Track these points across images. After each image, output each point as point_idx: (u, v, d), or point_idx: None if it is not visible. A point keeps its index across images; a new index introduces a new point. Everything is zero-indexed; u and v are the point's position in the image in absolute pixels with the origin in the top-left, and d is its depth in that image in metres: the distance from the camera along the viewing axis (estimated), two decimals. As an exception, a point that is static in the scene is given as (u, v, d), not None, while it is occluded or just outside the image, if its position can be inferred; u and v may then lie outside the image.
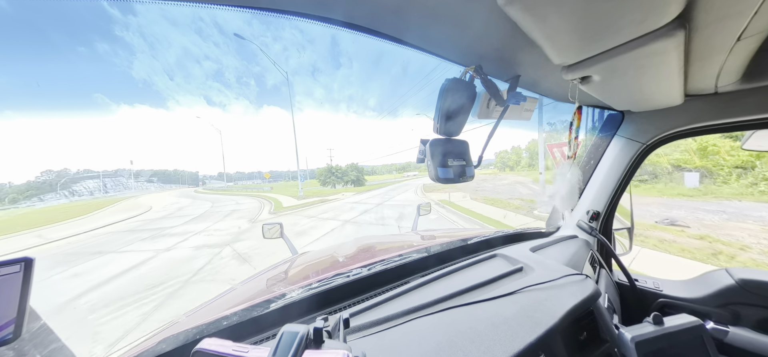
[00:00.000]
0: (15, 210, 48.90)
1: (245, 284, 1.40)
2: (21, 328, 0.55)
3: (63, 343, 0.74)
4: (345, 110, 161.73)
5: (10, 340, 0.53)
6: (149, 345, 0.81)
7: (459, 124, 1.10)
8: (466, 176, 1.08)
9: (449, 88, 1.02)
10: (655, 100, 1.14)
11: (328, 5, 0.80)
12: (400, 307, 0.89)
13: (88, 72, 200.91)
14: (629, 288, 1.49)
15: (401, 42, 1.00)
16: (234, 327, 0.88)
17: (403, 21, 0.84)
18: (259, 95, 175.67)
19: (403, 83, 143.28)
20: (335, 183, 41.61)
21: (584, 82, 0.91)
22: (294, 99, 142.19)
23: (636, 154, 1.45)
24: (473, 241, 1.36)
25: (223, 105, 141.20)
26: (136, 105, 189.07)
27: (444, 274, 1.12)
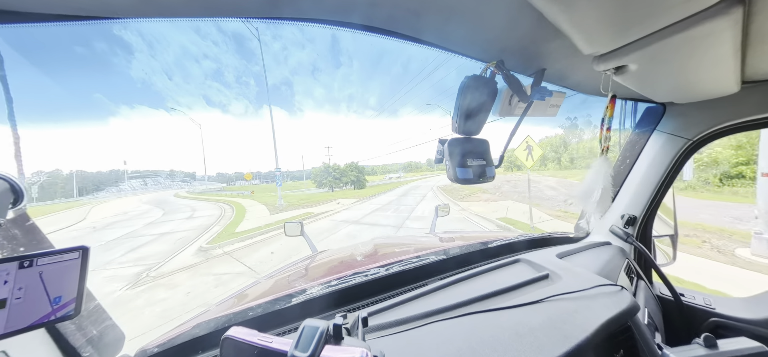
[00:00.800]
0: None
1: (269, 278, 1.44)
2: (80, 306, 0.61)
3: (114, 322, 0.81)
4: (345, 110, 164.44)
5: (72, 315, 0.60)
6: (186, 329, 0.89)
7: (479, 123, 1.05)
8: (486, 177, 1.03)
9: (469, 86, 0.98)
10: (704, 88, 1.02)
11: (347, 10, 0.80)
12: (418, 309, 0.87)
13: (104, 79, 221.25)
14: (674, 304, 1.33)
15: (420, 41, 0.98)
16: (259, 318, 0.92)
17: (422, 20, 0.82)
18: (258, 95, 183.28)
19: (404, 81, 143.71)
20: (333, 185, 36.86)
21: (619, 72, 0.84)
22: (294, 98, 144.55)
23: (680, 151, 1.31)
24: (494, 245, 1.29)
25: (223, 105, 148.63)
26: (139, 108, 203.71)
27: (463, 278, 1.07)
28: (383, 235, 8.99)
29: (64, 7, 0.57)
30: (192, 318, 1.02)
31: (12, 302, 0.55)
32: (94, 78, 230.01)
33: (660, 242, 1.57)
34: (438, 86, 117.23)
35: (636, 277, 1.30)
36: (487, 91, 1.00)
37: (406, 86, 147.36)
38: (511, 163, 41.11)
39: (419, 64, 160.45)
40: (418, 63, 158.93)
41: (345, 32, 0.86)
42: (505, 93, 1.03)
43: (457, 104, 1.01)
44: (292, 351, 0.40)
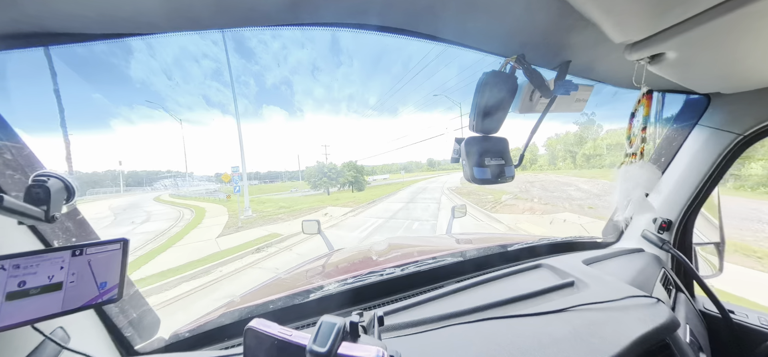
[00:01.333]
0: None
1: (288, 274, 1.50)
2: (122, 291, 0.68)
3: (150, 307, 0.89)
4: (345, 110, 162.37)
5: (115, 299, 0.67)
6: (213, 317, 0.95)
7: (497, 121, 1.02)
8: (505, 177, 1.00)
9: (487, 82, 0.95)
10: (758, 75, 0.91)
11: (364, 13, 0.81)
12: (435, 312, 0.87)
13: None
14: (721, 321, 1.20)
15: (437, 39, 0.97)
16: (279, 311, 0.96)
17: (440, 18, 0.82)
18: (258, 95, 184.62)
19: (404, 79, 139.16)
20: (328, 186, 33.26)
21: (655, 61, 0.77)
22: (293, 97, 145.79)
23: (728, 148, 1.17)
24: (514, 248, 1.25)
25: (223, 105, 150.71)
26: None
27: (481, 282, 1.05)
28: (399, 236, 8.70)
29: (105, 28, 0.63)
30: (218, 308, 1.09)
31: (67, 285, 0.63)
32: (93, 77, 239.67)
33: (703, 250, 1.42)
34: (437, 85, 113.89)
35: (674, 290, 1.19)
36: (507, 88, 0.97)
37: (407, 84, 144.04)
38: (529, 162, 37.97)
39: (419, 62, 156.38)
40: (418, 61, 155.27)
41: (345, 31, 0.87)
42: (525, 88, 1.00)
43: (474, 102, 0.99)
44: (311, 345, 0.41)
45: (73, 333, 0.67)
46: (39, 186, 0.55)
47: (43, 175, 0.57)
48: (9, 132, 0.59)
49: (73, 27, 0.61)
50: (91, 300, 0.66)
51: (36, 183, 0.55)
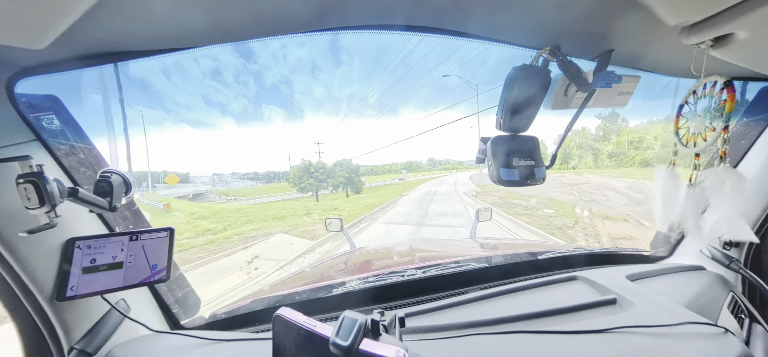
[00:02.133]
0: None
1: (313, 268, 1.58)
2: (170, 273, 0.80)
3: (192, 289, 1.01)
4: (345, 109, 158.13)
5: (164, 279, 0.79)
6: (245, 303, 1.04)
7: (527, 119, 0.95)
8: (535, 178, 0.93)
9: (517, 78, 0.90)
10: None
11: (391, 13, 0.81)
12: (458, 318, 0.84)
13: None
14: None
15: (465, 35, 0.94)
16: (303, 302, 1.02)
17: (468, 13, 0.79)
18: (258, 94, 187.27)
19: (404, 78, 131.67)
20: (317, 188, 27.19)
21: (719, 44, 0.65)
22: (293, 97, 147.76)
23: None
24: (545, 257, 1.14)
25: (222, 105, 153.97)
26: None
27: (509, 291, 0.98)
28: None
29: (158, 44, 0.73)
30: (251, 294, 1.19)
31: (126, 264, 0.74)
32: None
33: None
34: (439, 83, 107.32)
35: (748, 319, 0.98)
36: (538, 82, 0.90)
37: (408, 82, 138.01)
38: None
39: (420, 60, 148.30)
40: (418, 59, 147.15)
41: (358, 34, 0.88)
42: (559, 83, 0.91)
43: (502, 99, 0.94)
44: (334, 338, 0.42)
45: (132, 305, 0.79)
46: (104, 181, 0.67)
47: (108, 172, 0.68)
48: (82, 136, 0.73)
49: (133, 45, 0.72)
50: (145, 279, 0.77)
51: (102, 178, 0.67)
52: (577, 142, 33.38)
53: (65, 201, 0.57)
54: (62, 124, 0.68)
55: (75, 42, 0.61)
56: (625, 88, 0.89)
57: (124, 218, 0.82)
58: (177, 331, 0.87)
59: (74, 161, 0.71)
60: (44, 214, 0.55)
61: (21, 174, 0.52)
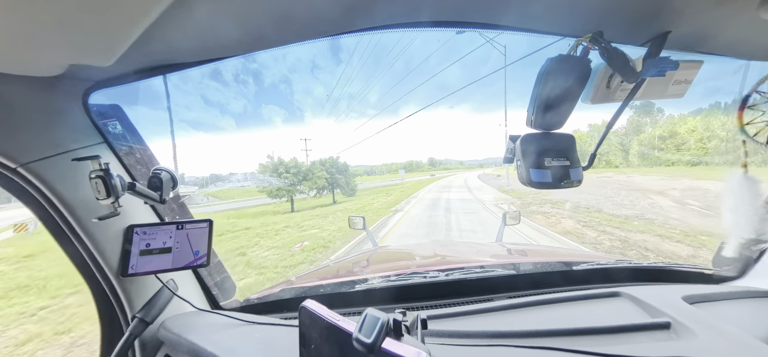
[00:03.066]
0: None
1: (336, 263, 1.63)
2: (209, 259, 0.89)
3: (229, 275, 1.12)
4: (345, 109, 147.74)
5: (205, 264, 0.88)
6: (274, 291, 1.12)
7: (562, 115, 0.87)
8: (569, 180, 0.84)
9: (551, 71, 0.82)
10: None
11: (418, 10, 0.81)
12: (483, 326, 0.80)
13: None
14: None
15: (496, 27, 0.90)
16: (327, 295, 1.06)
17: (497, 4, 0.76)
18: (257, 93, 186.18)
19: (406, 77, 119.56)
20: (291, 193, 22.10)
21: None
22: (293, 96, 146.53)
23: None
24: (581, 268, 1.02)
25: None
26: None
27: (539, 302, 0.91)
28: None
29: (200, 56, 0.82)
30: (279, 284, 1.28)
31: (174, 250, 0.85)
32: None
33: None
34: (439, 83, 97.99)
35: None
36: (576, 74, 0.82)
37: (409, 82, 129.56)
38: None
39: (421, 59, 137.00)
40: (419, 59, 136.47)
41: (383, 33, 0.88)
42: (601, 73, 0.81)
43: (534, 94, 0.87)
44: (356, 334, 0.43)
45: (179, 285, 0.91)
46: (156, 177, 0.78)
47: (158, 169, 0.79)
48: (138, 138, 0.86)
49: (179, 58, 0.82)
50: (189, 263, 0.88)
51: (154, 175, 0.78)
52: (590, 142, 28.99)
53: (126, 194, 0.68)
54: (123, 128, 0.81)
55: (134, 58, 0.72)
56: (682, 76, 0.76)
57: (172, 210, 0.94)
58: (216, 311, 0.97)
59: (132, 160, 0.84)
60: (110, 204, 0.66)
61: (92, 171, 0.63)
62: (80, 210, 0.69)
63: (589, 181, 20.86)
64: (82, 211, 0.69)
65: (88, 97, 0.71)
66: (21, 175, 0.62)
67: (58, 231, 0.71)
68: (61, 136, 0.68)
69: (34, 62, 0.60)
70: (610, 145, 29.95)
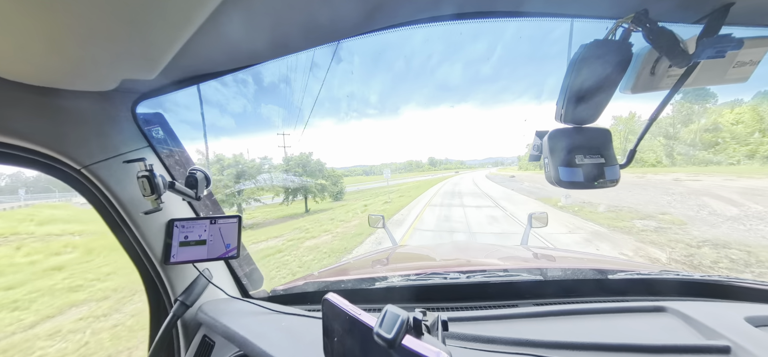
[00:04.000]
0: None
1: (357, 260, 1.65)
2: (239, 252, 0.98)
3: (256, 266, 1.21)
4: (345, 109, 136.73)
5: (235, 256, 0.97)
6: (298, 283, 1.18)
7: (596, 107, 0.79)
8: (604, 179, 0.76)
9: (586, 58, 0.75)
10: None
11: (438, 3, 0.80)
12: (506, 332, 0.77)
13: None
14: None
15: (522, 15, 0.85)
16: (348, 291, 1.10)
17: None
18: (256, 93, 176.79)
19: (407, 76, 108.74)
20: (239, 201, 17.38)
21: None
22: (292, 96, 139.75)
23: None
24: (619, 277, 0.90)
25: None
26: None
27: (569, 312, 0.84)
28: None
29: (230, 65, 0.89)
30: (303, 277, 1.34)
31: (208, 242, 0.94)
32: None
33: None
34: (440, 80, 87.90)
35: None
36: (615, 60, 0.73)
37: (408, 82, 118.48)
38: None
39: (421, 58, 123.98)
40: (420, 58, 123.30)
41: (412, 29, 0.86)
42: (644, 59, 0.71)
43: (564, 85, 0.80)
44: (377, 328, 0.43)
45: (213, 274, 1.00)
46: (192, 176, 0.86)
47: (194, 169, 0.88)
48: (176, 141, 0.96)
49: (212, 68, 0.90)
50: (221, 254, 0.96)
51: (190, 174, 0.86)
52: (622, 130, 24.35)
53: (167, 191, 0.77)
54: (164, 134, 0.91)
55: (173, 71, 0.81)
56: (746, 56, 0.63)
57: (206, 206, 1.04)
58: (246, 299, 1.06)
59: (172, 161, 0.94)
60: (154, 201, 0.75)
61: (139, 171, 0.73)
62: (130, 205, 0.80)
63: (632, 184, 17.45)
64: (131, 206, 0.80)
65: (136, 107, 0.82)
66: (84, 176, 0.74)
67: (114, 223, 0.83)
68: (114, 142, 0.79)
69: (95, 79, 0.71)
70: (620, 137, 25.71)
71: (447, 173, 69.70)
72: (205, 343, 0.93)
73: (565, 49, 0.77)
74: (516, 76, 39.84)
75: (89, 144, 0.74)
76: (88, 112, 0.73)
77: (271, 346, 0.77)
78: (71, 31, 0.49)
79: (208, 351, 0.91)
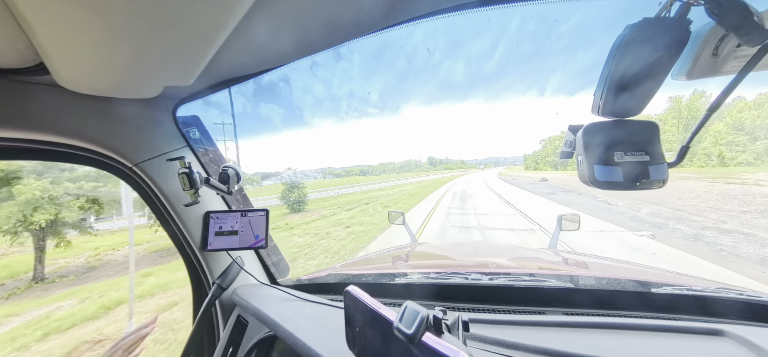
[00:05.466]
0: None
1: (377, 254, 1.66)
2: (267, 242, 1.06)
3: (283, 256, 1.29)
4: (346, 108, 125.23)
5: (263, 246, 1.05)
6: (321, 274, 1.24)
7: (642, 96, 0.69)
8: (648, 180, 0.66)
9: (633, 40, 0.67)
10: None
11: None
12: (532, 340, 0.73)
13: None
14: None
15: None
16: (369, 284, 1.13)
17: None
18: (255, 92, 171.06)
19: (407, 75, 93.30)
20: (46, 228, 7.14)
21: None
22: (292, 94, 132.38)
23: None
24: (665, 291, 0.78)
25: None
26: None
27: (605, 326, 0.76)
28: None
29: (258, 67, 0.94)
30: (326, 269, 1.39)
31: (240, 232, 1.03)
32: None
33: None
34: (442, 78, 75.44)
35: None
36: (668, 41, 0.64)
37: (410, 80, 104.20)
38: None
39: (423, 55, 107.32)
40: (421, 56, 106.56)
41: (426, 22, 0.82)
42: (706, 37, 0.60)
43: (604, 73, 0.72)
44: (397, 323, 0.44)
45: (245, 262, 1.09)
46: (224, 173, 0.94)
47: (226, 166, 0.95)
48: (211, 141, 1.05)
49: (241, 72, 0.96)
50: (251, 244, 1.04)
51: (223, 171, 0.94)
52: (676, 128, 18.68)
53: (203, 186, 0.85)
54: (200, 134, 1.00)
55: (207, 77, 0.88)
56: None
57: (237, 200, 1.13)
58: (274, 286, 1.14)
59: (207, 159, 1.04)
60: (192, 194, 0.84)
61: (180, 168, 0.81)
62: (173, 198, 0.90)
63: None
64: (174, 199, 0.90)
65: (176, 111, 0.91)
66: (135, 172, 0.85)
67: (160, 215, 0.94)
68: (158, 142, 0.89)
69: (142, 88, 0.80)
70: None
71: (448, 174, 61.00)
72: (240, 322, 1.02)
73: (570, 45, 0.68)
74: (519, 74, 35.62)
75: (138, 144, 0.84)
76: (136, 116, 0.83)
77: (298, 329, 0.82)
78: (122, 48, 0.56)
79: (242, 329, 1.00)
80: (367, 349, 0.54)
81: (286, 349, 0.92)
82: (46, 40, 0.52)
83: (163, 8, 0.49)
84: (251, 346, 0.92)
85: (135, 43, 0.56)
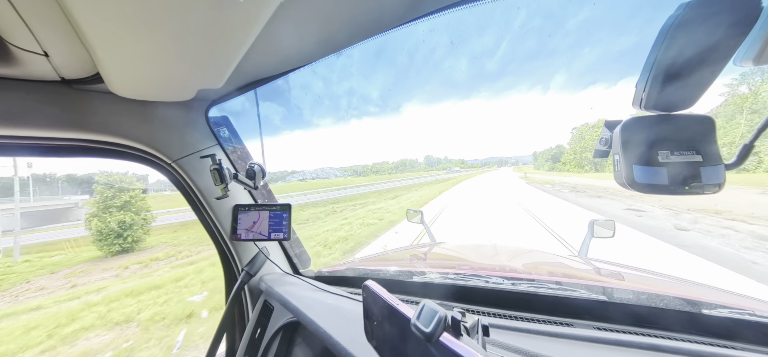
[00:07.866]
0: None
1: (395, 251, 1.65)
2: (290, 234, 1.11)
3: (304, 249, 1.34)
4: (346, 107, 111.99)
5: (287, 239, 1.10)
6: (341, 268, 1.27)
7: (695, 87, 0.60)
8: (699, 183, 0.58)
9: (687, 21, 0.59)
10: None
11: None
12: (558, 352, 0.69)
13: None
14: None
15: None
16: (387, 280, 1.13)
17: None
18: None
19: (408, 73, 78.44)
20: None
21: None
22: (291, 93, 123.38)
23: None
24: (721, 314, 0.66)
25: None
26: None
27: (643, 346, 0.68)
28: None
29: (282, 68, 0.97)
30: (344, 262, 1.42)
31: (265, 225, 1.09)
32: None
33: None
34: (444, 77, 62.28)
35: None
36: (731, 20, 0.55)
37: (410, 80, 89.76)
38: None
39: (424, 54, 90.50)
40: (423, 54, 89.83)
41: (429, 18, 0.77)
42: (783, 13, 0.50)
43: (649, 61, 0.64)
44: (415, 320, 0.43)
45: (270, 252, 1.16)
46: (251, 169, 1.00)
47: (253, 163, 1.02)
48: (239, 139, 1.12)
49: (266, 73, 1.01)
50: (275, 236, 1.10)
51: (250, 167, 1.01)
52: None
53: (232, 182, 0.92)
54: (229, 133, 1.08)
55: (235, 79, 0.94)
56: None
57: (262, 195, 1.20)
58: (297, 276, 1.19)
59: (235, 156, 1.11)
60: (223, 189, 0.91)
61: (211, 165, 0.88)
62: (206, 192, 0.98)
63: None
64: (207, 193, 0.99)
65: (208, 112, 0.99)
66: (174, 169, 0.94)
67: (196, 207, 1.03)
68: (193, 141, 0.97)
69: (179, 92, 0.88)
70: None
71: (450, 175, 47.33)
72: (266, 307, 1.09)
73: (574, 43, 0.59)
74: (523, 72, 30.85)
75: (176, 143, 0.93)
76: (174, 117, 0.92)
77: (319, 317, 0.86)
78: (163, 58, 0.63)
79: (269, 313, 1.07)
80: (384, 343, 0.54)
81: (308, 335, 0.97)
82: (103, 54, 0.60)
83: (197, 22, 0.53)
84: (277, 329, 0.98)
85: (173, 54, 0.62)
